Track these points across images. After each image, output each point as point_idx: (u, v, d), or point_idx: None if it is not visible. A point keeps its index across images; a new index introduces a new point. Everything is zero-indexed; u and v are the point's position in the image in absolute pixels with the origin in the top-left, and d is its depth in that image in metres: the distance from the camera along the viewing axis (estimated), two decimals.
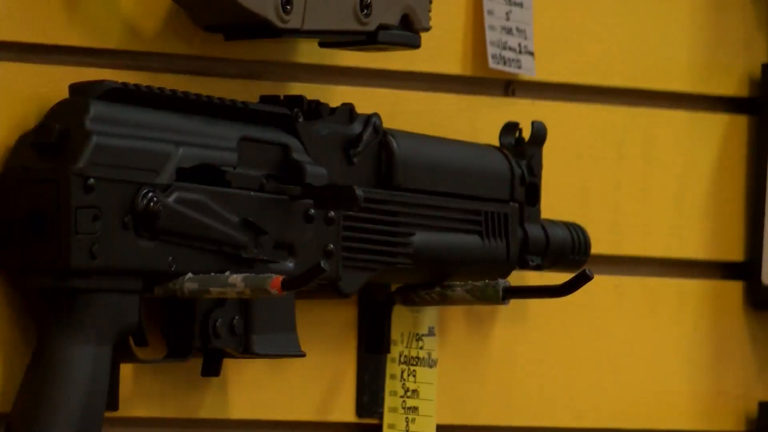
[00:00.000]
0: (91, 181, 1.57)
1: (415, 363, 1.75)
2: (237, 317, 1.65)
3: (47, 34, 1.63)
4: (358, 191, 1.67)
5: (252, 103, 1.67)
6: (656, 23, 1.98)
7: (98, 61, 1.64)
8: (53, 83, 1.61)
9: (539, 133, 1.73)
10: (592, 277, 1.72)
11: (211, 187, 1.65)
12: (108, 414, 1.63)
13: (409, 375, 1.76)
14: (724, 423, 1.98)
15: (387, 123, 1.72)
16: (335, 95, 1.71)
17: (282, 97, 1.67)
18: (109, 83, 1.60)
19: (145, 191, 1.61)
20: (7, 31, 1.62)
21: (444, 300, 1.73)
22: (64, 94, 1.59)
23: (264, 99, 1.66)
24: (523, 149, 1.74)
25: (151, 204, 1.60)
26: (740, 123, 1.99)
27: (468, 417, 1.82)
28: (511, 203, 1.76)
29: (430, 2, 1.74)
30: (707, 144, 2.00)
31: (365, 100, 1.71)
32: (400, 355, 1.76)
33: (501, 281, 1.71)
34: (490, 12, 1.78)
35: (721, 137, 1.99)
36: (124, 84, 1.62)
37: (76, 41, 1.63)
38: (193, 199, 1.63)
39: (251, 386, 1.71)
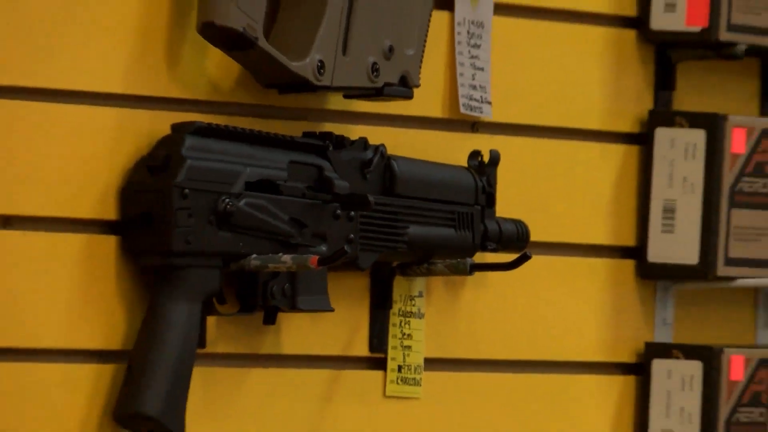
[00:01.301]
0: (186, 191, 1.57)
1: (409, 316, 1.76)
2: (287, 284, 1.65)
3: (156, 88, 1.61)
4: (370, 198, 1.66)
5: (297, 137, 1.66)
6: (577, 80, 1.94)
7: (191, 108, 1.62)
8: (160, 123, 1.59)
9: (495, 158, 1.74)
10: (531, 257, 1.73)
11: (269, 195, 1.63)
12: (199, 351, 1.62)
13: (405, 324, 1.76)
14: (622, 356, 1.96)
15: (390, 150, 1.71)
16: (354, 132, 1.70)
17: (317, 133, 1.67)
18: (198, 123, 1.59)
19: (223, 198, 1.60)
20: (129, 86, 1.60)
21: (429, 272, 1.74)
22: (167, 130, 1.59)
23: (305, 134, 1.65)
24: (483, 169, 1.74)
25: (228, 207, 1.59)
26: (634, 151, 1.97)
27: (445, 352, 1.80)
28: (475, 206, 1.76)
29: (420, 67, 1.70)
30: (611, 165, 1.97)
31: (374, 135, 1.71)
32: (399, 311, 1.76)
33: (468, 260, 1.72)
34: (461, 74, 1.78)
35: (621, 160, 1.97)
36: (209, 123, 1.60)
37: (176, 94, 1.60)
38: (256, 203, 1.61)
39: (296, 331, 1.69)
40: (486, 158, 1.74)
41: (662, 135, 1.86)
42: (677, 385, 1.89)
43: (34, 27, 1.58)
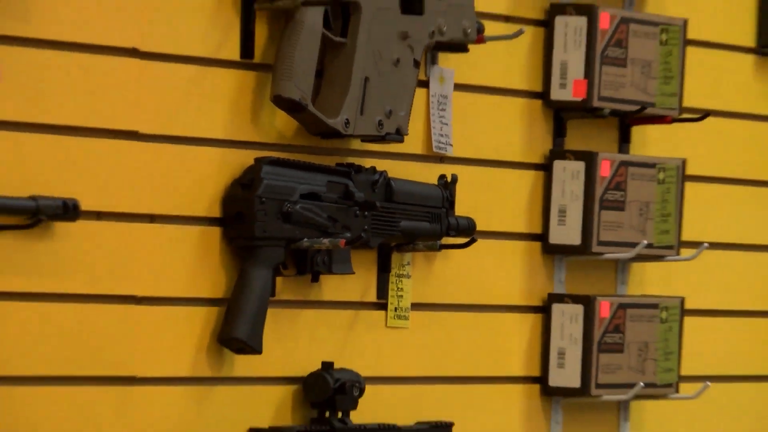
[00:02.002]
0: (263, 199, 1.55)
1: (401, 276, 1.72)
2: (326, 257, 1.63)
3: (246, 136, 1.57)
4: (377, 203, 1.63)
5: (332, 166, 1.64)
6: (504, 130, 1.85)
7: (267, 147, 1.59)
8: (247, 157, 1.57)
9: (454, 179, 1.71)
10: (476, 240, 1.71)
11: (314, 202, 1.60)
12: (271, 299, 1.57)
13: (398, 281, 1.72)
14: (534, 301, 1.87)
15: (389, 174, 1.68)
16: (367, 162, 1.67)
17: (345, 163, 1.66)
18: (270, 157, 1.56)
19: (286, 203, 1.57)
20: (229, 134, 1.56)
21: (414, 249, 1.71)
22: (251, 161, 1.57)
23: (337, 164, 1.65)
24: (447, 186, 1.71)
25: (288, 209, 1.57)
26: (540, 175, 1.89)
27: (423, 297, 1.73)
28: (442, 209, 1.72)
29: (407, 123, 1.66)
30: (527, 182, 1.88)
31: (380, 164, 1.67)
32: (395, 273, 1.72)
33: (438, 242, 1.70)
34: (433, 127, 1.72)
35: (533, 180, 1.89)
36: (278, 157, 1.58)
37: (258, 139, 1.58)
38: (306, 207, 1.59)
39: (331, 286, 1.65)
40: (449, 179, 1.73)
41: (558, 165, 1.84)
42: (568, 320, 1.85)
43: (181, 107, 1.53)
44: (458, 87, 1.76)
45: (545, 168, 1.86)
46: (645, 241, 1.85)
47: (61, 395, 1.42)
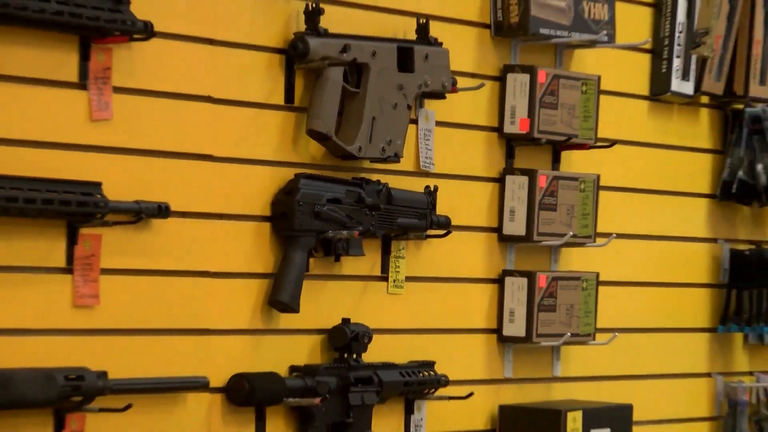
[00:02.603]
0: (301, 203, 1.51)
1: (398, 257, 1.65)
2: (345, 243, 1.58)
3: (289, 158, 1.52)
4: (381, 205, 1.60)
5: (349, 179, 1.60)
6: (474, 156, 1.78)
7: (303, 166, 1.54)
8: (289, 173, 1.53)
9: (436, 189, 1.65)
10: (451, 232, 1.68)
11: (336, 205, 1.56)
12: (306, 273, 1.51)
13: (396, 260, 1.66)
14: (493, 275, 1.80)
15: (390, 185, 1.63)
16: (374, 176, 1.62)
17: (358, 177, 1.62)
18: (306, 173, 1.52)
19: (316, 206, 1.53)
20: (277, 156, 1.52)
21: (407, 238, 1.64)
22: (292, 176, 1.52)
23: (353, 178, 1.61)
24: (431, 193, 1.65)
25: (318, 210, 1.53)
26: (497, 186, 1.80)
27: (414, 273, 1.66)
28: (427, 209, 1.66)
29: (402, 149, 1.64)
30: (487, 192, 1.82)
31: (383, 178, 1.61)
32: (393, 255, 1.65)
33: (424, 234, 1.67)
34: (421, 152, 1.66)
35: (491, 191, 1.85)
36: (311, 173, 1.53)
37: (296, 160, 1.54)
38: (331, 208, 1.55)
39: (348, 264, 1.60)
40: (432, 188, 1.69)
41: (509, 179, 1.79)
42: (516, 288, 1.82)
43: (242, 137, 1.47)
44: (439, 123, 1.75)
45: (500, 181, 1.85)
46: (571, 233, 1.84)
47: (158, 342, 1.40)
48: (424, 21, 1.62)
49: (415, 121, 1.70)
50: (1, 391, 1.11)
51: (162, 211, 1.37)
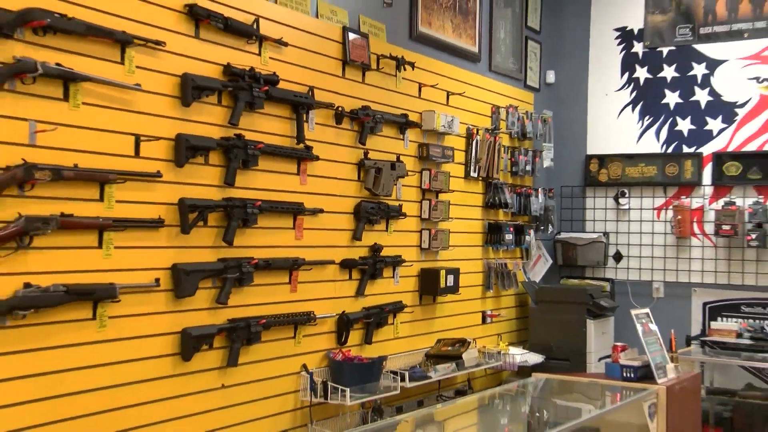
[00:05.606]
0: (361, 210, 1.56)
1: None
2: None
3: (357, 194, 1.41)
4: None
5: (375, 201, 1.62)
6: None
7: (361, 198, 1.45)
8: (357, 200, 1.53)
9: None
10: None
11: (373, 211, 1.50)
12: None
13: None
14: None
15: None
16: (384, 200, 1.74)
17: (377, 200, 1.74)
18: (363, 198, 1.37)
19: (366, 212, 1.53)
20: (353, 193, 1.45)
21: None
22: (358, 201, 1.44)
23: (378, 201, 1.72)
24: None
25: (368, 213, 1.56)
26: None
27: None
28: None
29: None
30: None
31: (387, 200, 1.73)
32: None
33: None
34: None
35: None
36: (363, 199, 1.38)
37: (360, 195, 1.51)
38: (371, 212, 1.62)
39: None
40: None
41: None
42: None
43: (341, 188, 1.61)
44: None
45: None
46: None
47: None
48: None
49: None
50: None
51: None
